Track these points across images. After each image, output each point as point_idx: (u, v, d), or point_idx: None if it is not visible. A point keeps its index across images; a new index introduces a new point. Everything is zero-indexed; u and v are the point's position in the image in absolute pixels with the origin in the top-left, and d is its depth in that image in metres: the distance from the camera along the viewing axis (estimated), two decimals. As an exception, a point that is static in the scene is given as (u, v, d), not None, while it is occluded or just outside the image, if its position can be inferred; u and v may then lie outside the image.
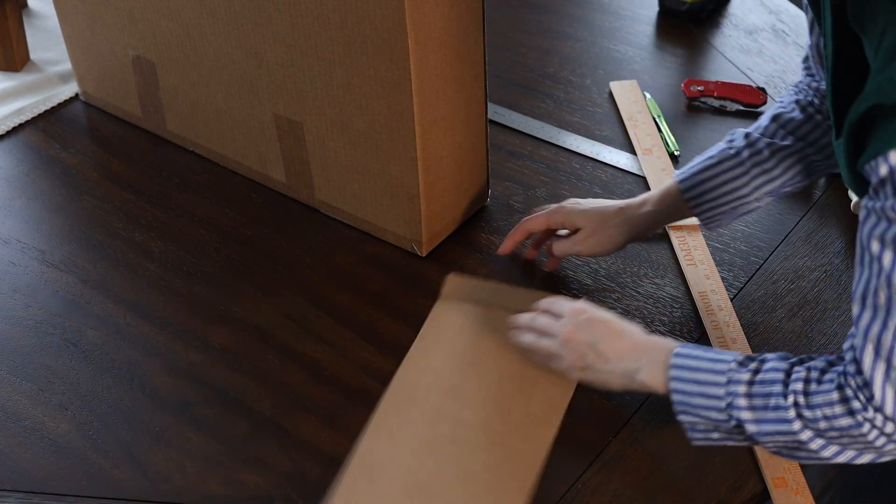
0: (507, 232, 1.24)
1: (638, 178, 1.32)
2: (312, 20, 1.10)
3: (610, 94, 1.46)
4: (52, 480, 0.99)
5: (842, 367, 0.85)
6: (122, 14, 1.31)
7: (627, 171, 1.33)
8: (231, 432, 1.03)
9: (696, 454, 0.99)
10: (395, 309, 1.15)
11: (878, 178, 0.79)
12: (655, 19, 1.61)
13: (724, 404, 0.89)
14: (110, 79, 1.41)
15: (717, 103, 1.43)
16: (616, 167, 1.34)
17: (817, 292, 1.16)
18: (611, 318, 1.00)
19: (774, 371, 0.88)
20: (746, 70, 1.49)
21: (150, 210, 1.30)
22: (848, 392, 0.83)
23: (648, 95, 1.45)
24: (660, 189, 1.13)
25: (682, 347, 0.94)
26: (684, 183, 1.10)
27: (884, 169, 0.77)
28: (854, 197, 1.25)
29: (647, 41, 1.57)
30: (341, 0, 1.06)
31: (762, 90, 1.42)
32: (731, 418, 0.89)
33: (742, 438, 0.91)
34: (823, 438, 0.86)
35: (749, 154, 1.08)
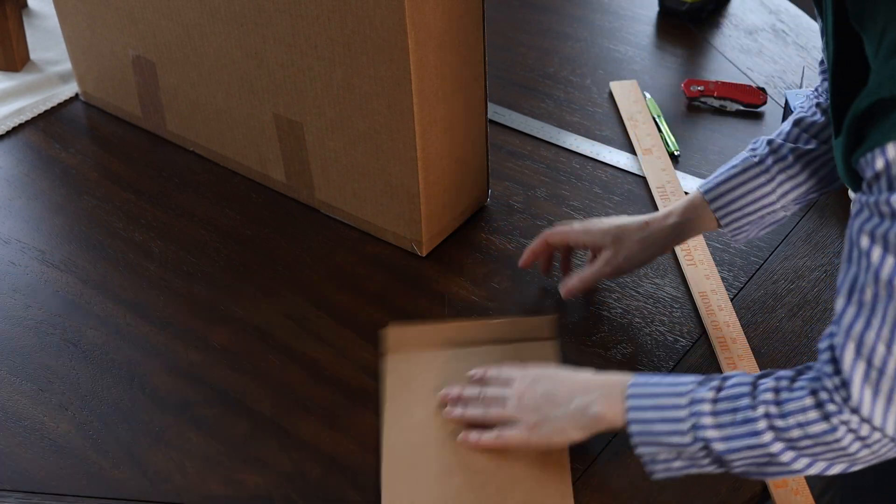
0: (507, 232, 1.24)
1: (638, 178, 1.32)
2: (312, 20, 1.10)
3: (610, 94, 1.46)
4: (52, 480, 0.99)
5: (813, 373, 0.83)
6: (122, 14, 1.31)
7: (627, 171, 1.33)
8: (231, 432, 1.03)
9: (696, 454, 0.98)
10: (395, 309, 1.15)
11: (873, 172, 0.77)
12: (655, 19, 1.61)
13: (687, 426, 0.86)
14: (110, 79, 1.41)
15: (717, 103, 1.43)
16: (616, 167, 1.34)
17: (817, 292, 1.15)
18: (557, 368, 0.99)
19: (739, 385, 0.86)
20: (746, 70, 1.49)
21: (150, 210, 1.30)
22: (822, 396, 0.81)
23: (648, 95, 1.45)
24: (683, 201, 1.09)
25: (638, 377, 0.92)
26: (709, 193, 1.07)
27: (880, 162, 0.76)
28: (854, 196, 1.24)
29: (647, 41, 1.57)
30: (341, 0, 1.06)
31: (762, 90, 1.42)
32: (696, 440, 0.86)
33: (708, 462, 0.88)
34: (795, 450, 0.83)
35: (773, 160, 1.05)
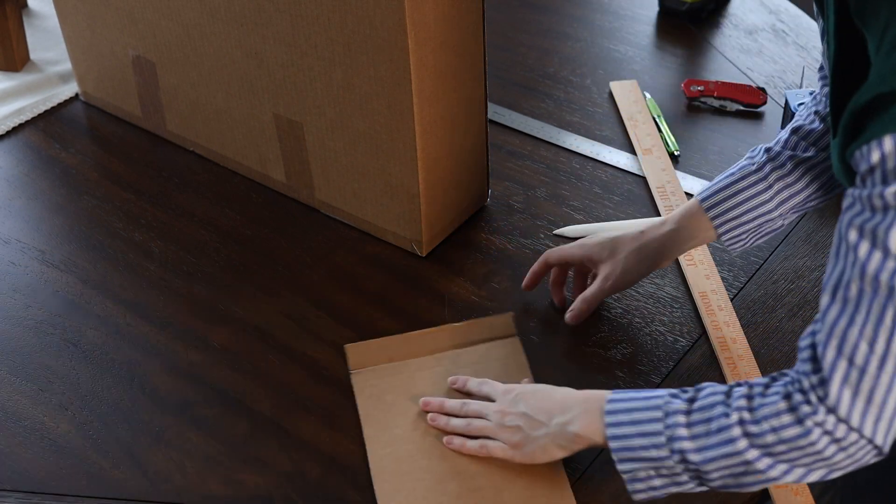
0: (507, 232, 1.24)
1: (638, 178, 1.32)
2: (312, 20, 1.10)
3: (610, 94, 1.46)
4: (52, 480, 0.99)
5: (789, 377, 0.83)
6: (122, 14, 1.31)
7: (627, 171, 1.33)
8: (231, 432, 1.03)
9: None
10: (395, 309, 1.15)
11: (867, 165, 0.77)
12: (655, 19, 1.61)
13: (664, 439, 0.86)
14: (110, 79, 1.41)
15: (717, 103, 1.42)
16: (616, 167, 1.34)
17: (817, 292, 1.15)
18: (540, 386, 0.98)
19: (713, 395, 0.86)
20: (746, 70, 1.49)
21: (150, 210, 1.30)
22: (796, 398, 0.81)
23: (648, 95, 1.45)
24: (680, 209, 1.09)
25: (615, 393, 0.91)
26: (706, 201, 1.06)
27: (875, 155, 0.75)
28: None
29: (647, 41, 1.57)
30: (341, 0, 1.06)
31: (762, 90, 1.42)
32: (673, 452, 0.86)
33: (687, 478, 0.87)
34: (771, 456, 0.83)
35: (771, 168, 1.05)
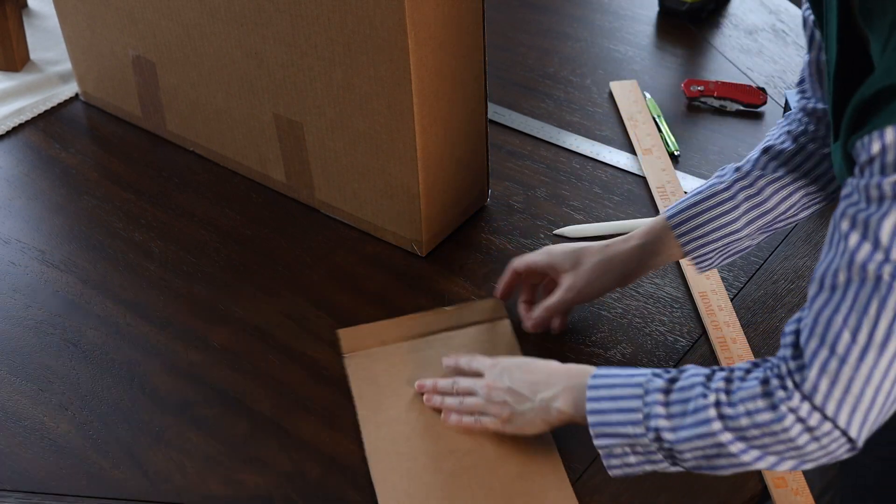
0: (507, 232, 1.24)
1: (638, 178, 1.32)
2: (312, 20, 1.10)
3: (610, 94, 1.46)
4: (52, 480, 0.99)
5: (770, 363, 0.83)
6: (122, 14, 1.31)
7: (627, 171, 1.33)
8: (231, 432, 1.03)
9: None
10: (395, 309, 1.15)
11: (867, 156, 0.76)
12: (655, 19, 1.61)
13: (640, 416, 0.87)
14: (110, 79, 1.41)
15: (717, 103, 1.42)
16: (616, 167, 1.34)
17: (817, 292, 1.15)
18: (524, 359, 0.99)
19: (694, 376, 0.86)
20: (746, 70, 1.49)
21: (150, 210, 1.30)
22: (773, 383, 0.81)
23: (648, 95, 1.45)
24: (646, 225, 1.07)
25: (600, 369, 0.92)
26: (673, 218, 1.05)
27: (876, 146, 0.75)
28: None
29: (647, 41, 1.57)
30: (341, 0, 1.06)
31: (762, 90, 1.42)
32: (649, 430, 0.86)
33: (661, 457, 0.88)
34: (744, 440, 0.83)
35: (740, 187, 1.04)
